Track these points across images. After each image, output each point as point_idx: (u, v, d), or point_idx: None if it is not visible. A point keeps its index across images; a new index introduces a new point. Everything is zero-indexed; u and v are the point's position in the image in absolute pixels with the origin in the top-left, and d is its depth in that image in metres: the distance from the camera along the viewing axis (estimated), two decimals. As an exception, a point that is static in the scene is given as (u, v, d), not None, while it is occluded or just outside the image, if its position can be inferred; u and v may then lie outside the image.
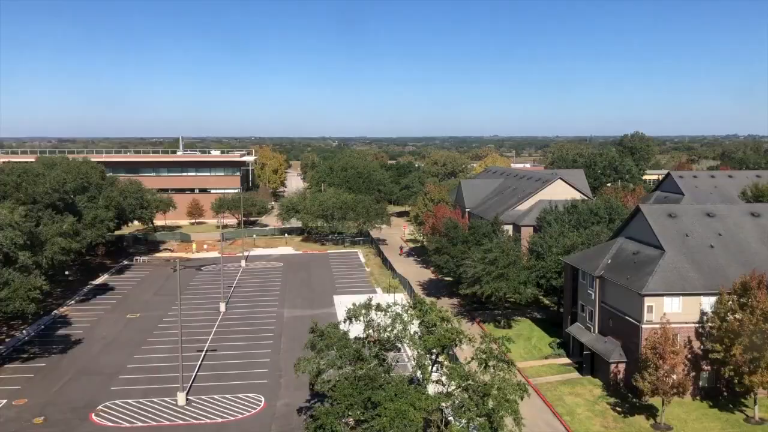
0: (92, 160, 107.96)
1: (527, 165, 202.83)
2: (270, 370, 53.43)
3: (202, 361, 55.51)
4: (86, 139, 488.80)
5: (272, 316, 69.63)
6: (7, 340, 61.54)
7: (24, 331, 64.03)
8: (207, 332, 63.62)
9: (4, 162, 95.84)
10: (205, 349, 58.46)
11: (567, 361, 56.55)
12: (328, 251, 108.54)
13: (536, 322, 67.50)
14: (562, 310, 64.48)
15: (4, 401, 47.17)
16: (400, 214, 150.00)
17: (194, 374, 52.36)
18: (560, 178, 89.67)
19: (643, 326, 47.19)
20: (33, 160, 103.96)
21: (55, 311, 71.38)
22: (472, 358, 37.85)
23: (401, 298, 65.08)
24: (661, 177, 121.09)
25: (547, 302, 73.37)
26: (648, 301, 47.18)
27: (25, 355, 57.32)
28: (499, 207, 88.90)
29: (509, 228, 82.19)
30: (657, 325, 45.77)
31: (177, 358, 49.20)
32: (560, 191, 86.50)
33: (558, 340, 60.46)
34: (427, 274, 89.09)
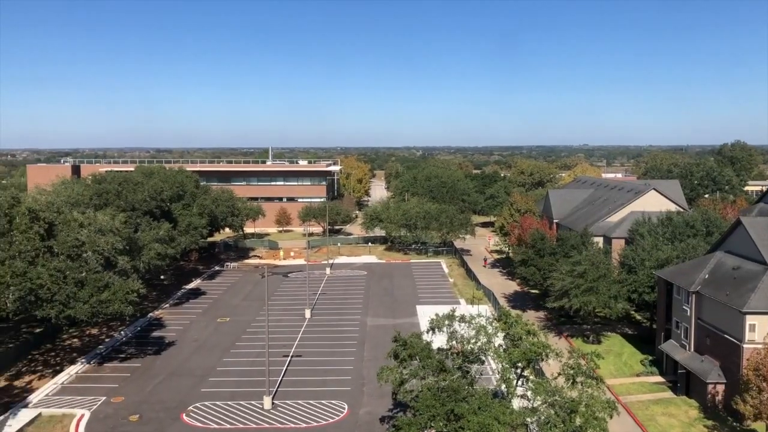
0: (187, 169, 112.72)
1: (619, 175, 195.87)
2: (353, 378, 53.76)
3: (287, 366, 56.54)
4: (182, 150, 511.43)
5: (356, 324, 70.17)
6: (106, 340, 64.91)
7: (122, 332, 67.34)
8: (293, 338, 64.81)
9: (106, 171, 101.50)
10: (290, 355, 59.55)
11: (660, 379, 53.94)
12: (411, 261, 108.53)
13: (627, 338, 64.84)
14: (654, 326, 61.64)
15: (104, 398, 49.64)
16: (484, 225, 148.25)
17: (280, 379, 53.38)
18: (654, 189, 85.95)
19: (745, 346, 44.38)
20: (132, 169, 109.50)
21: (150, 314, 74.66)
22: (559, 374, 36.71)
23: (485, 309, 64.12)
24: (765, 188, 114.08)
25: (638, 318, 70.38)
26: (750, 320, 44.35)
27: (122, 355, 60.23)
28: (589, 218, 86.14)
29: (599, 240, 79.47)
30: (760, 345, 42.94)
31: (264, 362, 50.29)
32: (654, 202, 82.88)
33: (650, 358, 57.80)
34: (513, 286, 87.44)
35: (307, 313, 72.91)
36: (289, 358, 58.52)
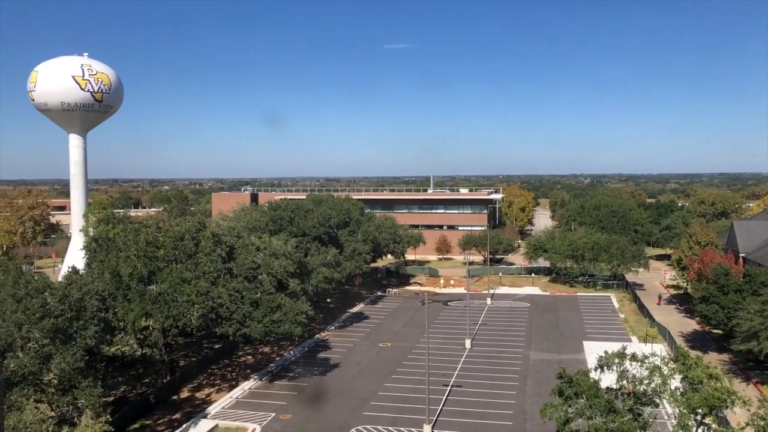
0: (353, 197, 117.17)
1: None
2: (515, 413, 52.02)
3: (447, 395, 56.03)
4: (348, 179, 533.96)
5: (518, 357, 68.13)
6: (277, 358, 68.46)
7: (291, 352, 70.69)
8: (453, 367, 64.26)
9: (281, 198, 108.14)
10: (450, 384, 59.01)
11: None
12: (578, 294, 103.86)
13: (832, 390, 56.88)
14: None
15: (273, 414, 52.18)
16: (659, 257, 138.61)
17: (440, 408, 52.98)
18: None
19: None
20: (304, 197, 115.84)
21: (317, 335, 77.76)
22: (747, 424, 32.94)
23: (660, 349, 59.51)
24: None
25: None
26: None
27: (291, 374, 63.10)
28: (782, 252, 77.45)
29: (795, 277, 70.96)
30: None
31: (424, 390, 50.22)
32: None
33: None
34: (692, 325, 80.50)
35: (468, 343, 72.05)
36: (449, 388, 57.98)
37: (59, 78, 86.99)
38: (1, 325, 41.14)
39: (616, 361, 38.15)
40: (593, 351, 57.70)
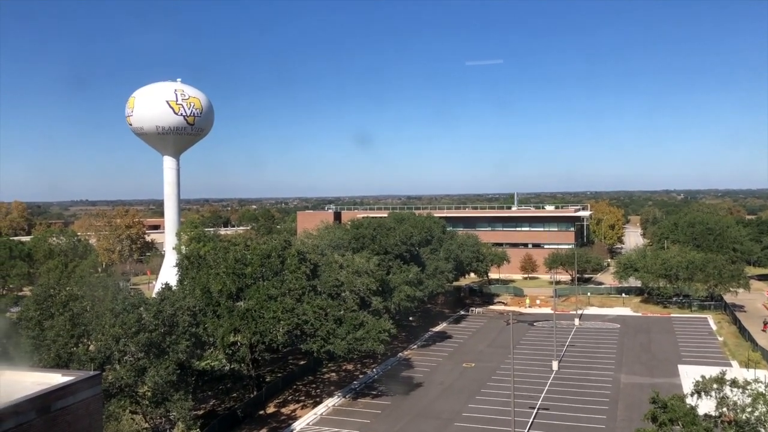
0: (435, 215, 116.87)
1: None
2: (605, 439, 49.94)
3: (533, 418, 54.47)
4: (430, 197, 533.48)
5: (608, 381, 65.52)
6: (360, 376, 68.74)
7: (374, 370, 70.82)
8: (539, 389, 62.51)
9: (363, 217, 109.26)
10: (537, 407, 57.38)
11: None
12: (672, 315, 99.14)
13: None
14: None
15: (356, 432, 52.34)
16: (761, 278, 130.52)
17: (526, 431, 51.57)
18: None
19: None
20: (386, 215, 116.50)
21: (400, 354, 77.59)
22: None
23: (764, 375, 55.74)
24: None
25: None
26: None
27: (374, 392, 63.13)
28: None
29: None
30: None
31: (509, 412, 49.05)
32: None
33: None
34: (799, 350, 75.05)
35: (555, 365, 69.96)
36: (535, 411, 56.36)
37: (154, 103, 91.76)
38: (100, 338, 43.32)
39: (715, 386, 36.17)
40: (689, 375, 54.92)
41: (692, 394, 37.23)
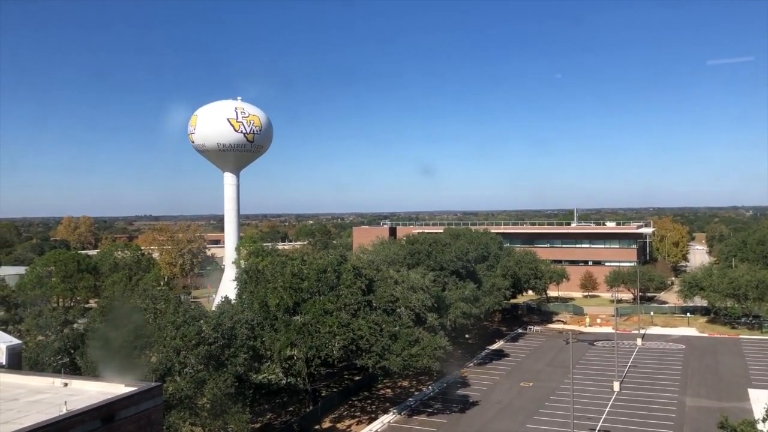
0: (491, 231, 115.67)
1: None
2: (670, 464, 48.02)
3: (593, 441, 52.91)
4: (487, 212, 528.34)
5: (672, 403, 63.14)
6: (416, 393, 68.23)
7: (430, 387, 70.19)
8: (599, 411, 60.71)
9: (418, 232, 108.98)
10: (597, 429, 55.74)
11: None
12: (741, 336, 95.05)
13: None
14: None
15: (411, 449, 51.83)
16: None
17: (585, 454, 50.12)
18: None
19: None
20: (441, 231, 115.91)
21: (456, 371, 76.72)
22: None
23: (843, 401, 52.67)
24: None
25: None
26: None
27: (429, 410, 62.52)
28: None
29: None
30: None
31: (568, 434, 47.76)
32: None
33: None
34: None
35: (616, 386, 67.85)
36: (595, 433, 54.76)
37: (216, 121, 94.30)
38: (161, 350, 44.36)
39: (790, 412, 34.25)
40: (760, 399, 52.48)
41: (764, 420, 35.44)
